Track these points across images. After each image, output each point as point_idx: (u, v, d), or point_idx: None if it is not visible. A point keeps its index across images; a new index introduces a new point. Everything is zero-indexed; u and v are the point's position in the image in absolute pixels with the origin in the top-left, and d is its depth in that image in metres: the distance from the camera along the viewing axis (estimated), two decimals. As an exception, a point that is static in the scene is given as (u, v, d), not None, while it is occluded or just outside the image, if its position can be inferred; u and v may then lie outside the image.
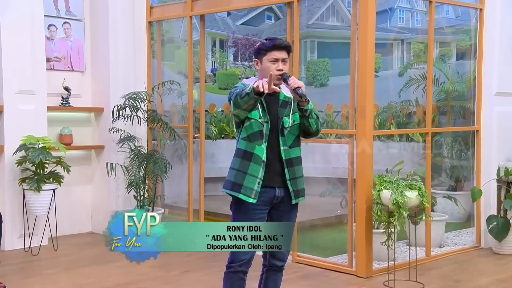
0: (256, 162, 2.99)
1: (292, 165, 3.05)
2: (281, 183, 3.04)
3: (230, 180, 3.05)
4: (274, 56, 3.03)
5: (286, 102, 3.08)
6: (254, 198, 2.99)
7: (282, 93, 3.09)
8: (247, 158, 3.00)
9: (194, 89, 6.07)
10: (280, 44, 3.05)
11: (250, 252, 3.04)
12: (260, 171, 2.99)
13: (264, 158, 2.99)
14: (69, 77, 5.96)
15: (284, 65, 3.04)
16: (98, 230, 6.07)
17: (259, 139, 3.00)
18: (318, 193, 6.19)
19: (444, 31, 7.35)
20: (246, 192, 2.99)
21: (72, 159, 5.77)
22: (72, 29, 6.04)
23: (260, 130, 3.01)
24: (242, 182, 2.99)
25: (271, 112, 3.05)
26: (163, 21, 6.37)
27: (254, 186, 2.98)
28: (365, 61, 4.44)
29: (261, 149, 3.00)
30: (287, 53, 3.06)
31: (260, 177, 2.99)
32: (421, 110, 6.98)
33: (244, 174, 2.99)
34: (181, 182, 6.32)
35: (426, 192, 4.36)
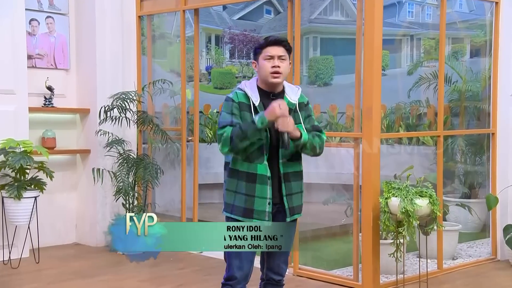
0: (262, 183, 2.96)
1: (289, 180, 3.02)
2: (278, 197, 3.03)
3: (234, 205, 3.01)
4: (268, 53, 3.01)
5: (290, 109, 3.02)
6: (269, 220, 2.98)
7: (286, 99, 3.05)
8: (250, 180, 2.96)
9: (187, 89, 6.07)
10: (275, 40, 3.03)
11: (246, 268, 3.03)
12: (268, 191, 2.97)
13: (269, 174, 2.97)
14: (53, 76, 5.96)
15: (282, 62, 3.00)
16: (83, 241, 6.06)
17: (260, 157, 2.96)
18: (321, 200, 6.19)
19: (457, 26, 7.36)
20: (260, 216, 2.98)
21: (55, 164, 5.76)
22: (56, 24, 6.04)
23: (260, 147, 2.96)
24: (253, 207, 2.97)
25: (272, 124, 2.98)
26: (154, 15, 6.37)
27: (266, 208, 2.98)
28: (371, 58, 4.44)
29: (264, 166, 2.97)
30: (285, 50, 3.03)
31: (269, 196, 2.98)
32: (432, 111, 6.98)
33: (253, 198, 2.97)
34: (174, 189, 6.31)
35: (437, 200, 4.36)
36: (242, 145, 2.90)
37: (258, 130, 2.88)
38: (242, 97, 3.01)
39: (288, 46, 3.06)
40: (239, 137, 2.89)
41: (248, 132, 2.88)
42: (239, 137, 2.89)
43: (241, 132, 2.89)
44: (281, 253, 3.11)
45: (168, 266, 5.22)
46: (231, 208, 3.03)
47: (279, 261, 3.14)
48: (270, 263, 3.14)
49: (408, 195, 4.27)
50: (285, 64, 3.03)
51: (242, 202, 2.99)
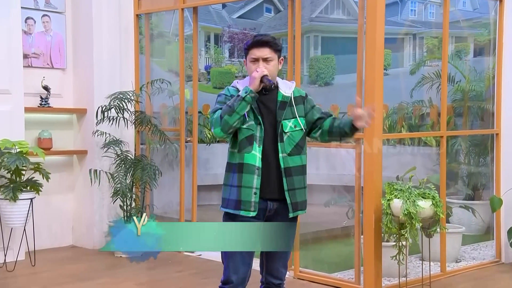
0: (248, 172, 2.96)
1: (291, 175, 3.01)
2: (278, 194, 3.02)
3: (228, 199, 3.03)
4: (253, 55, 3.02)
5: (285, 103, 3.04)
6: (254, 211, 2.97)
7: (280, 93, 3.05)
8: (238, 170, 2.98)
9: (186, 89, 6.06)
10: (259, 40, 3.00)
11: (243, 271, 3.02)
12: (255, 180, 2.96)
13: (258, 164, 2.96)
14: (49, 75, 5.95)
15: (267, 64, 2.99)
16: (80, 244, 6.05)
17: (247, 146, 2.97)
18: (322, 202, 6.19)
19: (460, 25, 7.36)
20: (246, 207, 2.97)
21: (51, 165, 5.76)
22: (52, 22, 6.03)
23: (249, 136, 2.97)
24: (240, 197, 2.97)
25: (267, 113, 3.02)
26: (152, 14, 6.37)
27: (251, 198, 2.96)
28: (373, 57, 4.44)
29: (253, 155, 2.96)
30: (272, 50, 3.01)
31: (256, 186, 2.96)
32: (435, 111, 6.97)
33: (239, 188, 2.97)
34: (172, 191, 6.30)
35: (440, 202, 4.35)
36: (232, 120, 2.91)
37: (243, 100, 2.91)
38: (234, 92, 3.05)
39: (274, 46, 3.02)
40: (227, 112, 2.92)
41: (235, 105, 2.91)
42: (227, 112, 2.92)
43: (228, 107, 2.93)
44: (280, 256, 3.10)
45: (166, 269, 5.21)
46: (227, 202, 3.04)
47: (278, 265, 3.12)
48: (269, 266, 3.13)
49: (410, 196, 4.26)
50: (272, 65, 3.01)
51: (234, 194, 3.00)
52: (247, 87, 2.94)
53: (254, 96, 2.93)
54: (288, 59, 4.95)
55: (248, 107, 2.93)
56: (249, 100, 2.92)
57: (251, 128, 2.98)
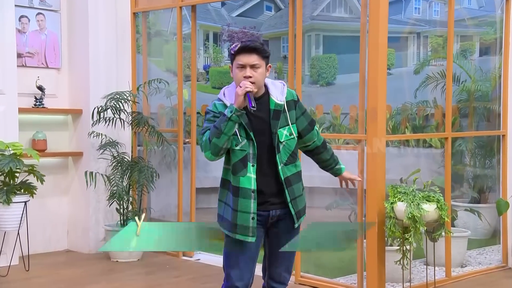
0: (244, 197, 2.94)
1: (291, 184, 3.02)
2: (279, 205, 3.02)
3: (223, 217, 3.03)
4: (239, 62, 2.95)
5: (279, 111, 2.99)
6: (253, 236, 2.97)
7: (272, 100, 3.00)
8: (234, 194, 2.96)
9: (184, 89, 6.06)
10: (246, 46, 2.94)
11: (247, 278, 3.02)
12: (252, 205, 2.95)
13: (253, 187, 2.95)
14: (43, 75, 5.96)
15: (255, 71, 2.94)
16: (75, 248, 6.05)
17: (242, 169, 2.94)
18: (324, 205, 6.18)
19: (465, 23, 7.36)
20: (243, 232, 2.97)
21: (46, 167, 5.76)
22: (47, 21, 6.04)
23: (242, 158, 2.94)
24: (236, 221, 2.96)
25: (260, 124, 2.97)
26: (149, 12, 6.37)
27: (249, 223, 2.96)
28: (376, 57, 4.44)
29: (247, 178, 2.94)
30: (259, 57, 2.95)
31: (253, 211, 2.96)
32: (439, 112, 6.97)
33: (235, 212, 2.96)
34: (170, 193, 6.30)
35: (445, 205, 4.35)
36: (221, 142, 2.88)
37: (229, 120, 2.86)
38: (222, 108, 2.99)
39: (263, 53, 2.97)
40: (215, 134, 2.89)
41: (221, 126, 2.87)
42: (215, 135, 2.89)
43: (215, 129, 2.90)
44: (283, 260, 3.10)
45: (163, 274, 5.21)
46: (221, 220, 3.05)
47: (281, 270, 3.12)
48: (272, 271, 3.13)
49: (414, 199, 4.26)
50: (259, 72, 2.95)
51: (229, 215, 3.00)
52: (232, 106, 2.89)
53: (240, 114, 2.88)
54: (289, 59, 4.96)
55: (236, 126, 2.90)
56: (235, 119, 2.88)
57: (244, 148, 2.94)
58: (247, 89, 2.88)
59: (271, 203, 3.01)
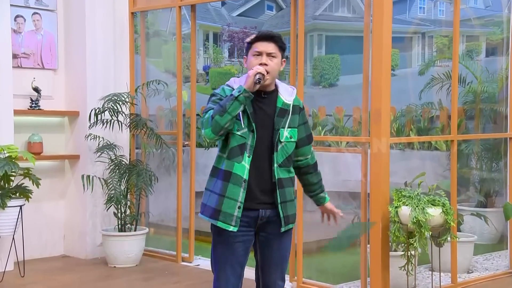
0: (235, 183, 2.93)
1: (283, 186, 3.00)
2: (269, 205, 3.00)
3: (206, 204, 3.01)
4: (256, 49, 2.99)
5: (285, 110, 3.01)
6: (235, 226, 2.94)
7: (280, 98, 3.02)
8: (225, 179, 2.94)
9: (183, 90, 6.07)
10: (265, 35, 3.00)
11: (234, 282, 3.00)
12: (241, 193, 2.93)
13: (245, 176, 2.93)
14: (39, 76, 5.96)
15: (271, 60, 2.97)
16: (72, 253, 6.04)
17: (238, 155, 2.93)
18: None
19: (471, 23, 7.37)
20: (226, 219, 2.94)
21: (42, 170, 5.76)
22: (43, 21, 6.04)
23: (241, 144, 2.94)
24: (220, 207, 2.94)
25: (264, 119, 2.98)
26: (148, 11, 6.37)
27: (234, 212, 2.93)
28: (380, 57, 4.44)
29: (242, 166, 2.93)
30: (276, 46, 3.00)
31: (240, 200, 2.93)
32: (445, 114, 6.97)
33: (222, 198, 2.94)
34: (169, 197, 6.30)
35: (451, 209, 4.34)
36: (224, 121, 2.86)
37: (236, 99, 2.86)
38: (229, 92, 2.98)
39: (280, 43, 3.02)
40: (218, 112, 2.87)
41: (226, 104, 2.86)
42: (218, 112, 2.87)
43: (220, 107, 2.88)
44: (277, 268, 3.08)
45: (162, 280, 5.21)
46: (203, 208, 3.03)
47: (275, 277, 3.09)
48: (265, 279, 3.09)
49: (419, 203, 4.25)
50: (275, 62, 2.99)
51: (213, 202, 2.98)
52: (241, 86, 2.90)
53: (248, 96, 2.88)
54: (291, 59, 4.96)
55: (242, 107, 2.89)
56: (242, 100, 2.87)
57: (244, 135, 2.94)
58: (258, 70, 2.90)
59: (260, 202, 2.98)
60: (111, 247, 5.62)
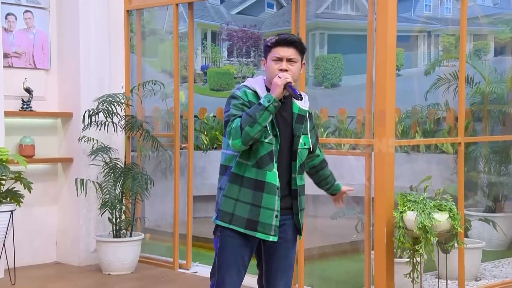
0: (269, 192, 2.96)
1: (300, 195, 3.08)
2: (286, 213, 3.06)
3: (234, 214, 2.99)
4: (276, 54, 3.00)
5: (302, 117, 3.06)
6: (275, 235, 2.98)
7: (296, 105, 3.05)
8: (257, 188, 2.95)
9: (181, 91, 6.07)
10: (285, 39, 3.00)
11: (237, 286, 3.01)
12: (276, 202, 2.98)
13: (278, 184, 2.98)
14: (31, 76, 5.96)
15: (291, 65, 2.99)
16: (65, 260, 6.04)
17: (270, 163, 2.96)
18: (329, 215, 6.17)
19: (479, 22, 7.37)
20: (265, 230, 2.96)
21: (34, 174, 5.75)
22: (35, 19, 6.04)
23: (270, 152, 2.96)
24: (258, 218, 2.96)
25: (283, 125, 3.02)
26: (144, 9, 6.38)
27: (272, 221, 2.97)
28: (384, 57, 4.43)
29: (273, 174, 2.97)
30: (296, 51, 3.01)
31: (277, 208, 2.98)
32: (452, 115, 6.98)
33: (259, 208, 2.96)
34: (165, 202, 6.30)
35: (458, 214, 4.34)
36: (254, 132, 2.86)
37: (266, 110, 2.86)
38: (252, 97, 2.99)
39: (301, 47, 3.04)
40: (248, 122, 2.86)
41: (256, 115, 2.86)
42: (248, 123, 2.86)
43: (249, 117, 2.87)
44: (282, 276, 3.10)
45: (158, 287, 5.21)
46: (230, 218, 3.00)
47: (280, 286, 3.11)
48: (270, 287, 3.12)
49: (425, 208, 4.25)
50: (295, 67, 3.01)
51: (245, 212, 2.97)
52: (270, 95, 2.89)
53: (277, 105, 2.90)
54: (292, 59, 4.96)
55: (271, 116, 2.91)
56: (272, 110, 2.88)
57: (271, 142, 2.97)
58: (287, 79, 2.91)
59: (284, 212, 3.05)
60: (106, 253, 5.61)
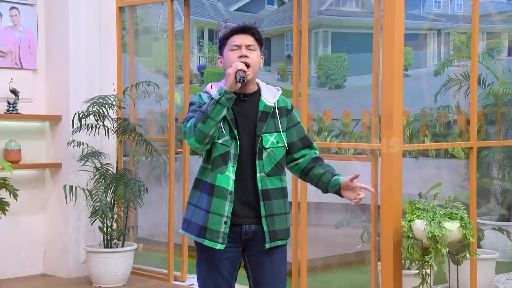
0: (219, 196, 2.91)
1: (269, 198, 2.97)
2: (254, 218, 2.97)
3: (191, 221, 2.99)
4: (234, 42, 2.98)
5: (267, 113, 2.98)
6: (223, 243, 2.92)
7: (262, 101, 3.00)
8: (209, 193, 2.93)
9: (176, 92, 6.08)
10: (240, 27, 2.99)
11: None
12: (226, 207, 2.92)
13: (231, 188, 2.92)
14: (17, 77, 5.96)
15: (250, 53, 2.95)
16: (53, 272, 6.03)
17: (222, 165, 2.92)
18: (333, 223, 6.18)
19: (492, 19, 7.39)
20: (212, 237, 2.92)
21: (20, 181, 5.76)
22: (22, 16, 6.05)
23: (223, 153, 2.92)
24: (206, 224, 2.93)
25: (245, 125, 2.96)
26: (137, 6, 6.39)
27: (221, 227, 2.92)
28: (391, 56, 4.44)
29: (226, 177, 2.92)
30: (254, 39, 2.99)
31: (227, 214, 2.92)
32: (463, 118, 6.98)
33: (207, 214, 2.93)
34: (160, 210, 6.30)
35: (470, 223, 4.34)
36: (208, 128, 2.84)
37: (217, 103, 2.83)
38: (208, 99, 2.95)
39: (258, 35, 3.00)
40: (201, 119, 2.84)
41: (208, 110, 2.83)
42: (200, 119, 2.85)
43: (201, 114, 2.85)
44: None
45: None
46: (187, 225, 3.01)
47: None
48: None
49: (435, 217, 4.25)
50: (255, 55, 2.97)
51: (199, 219, 2.96)
52: (221, 88, 2.86)
53: (230, 97, 2.85)
54: (294, 58, 4.97)
55: (225, 110, 2.86)
56: (224, 103, 2.84)
57: (226, 143, 2.93)
58: (238, 66, 2.87)
59: (244, 216, 2.96)
60: (96, 265, 5.61)
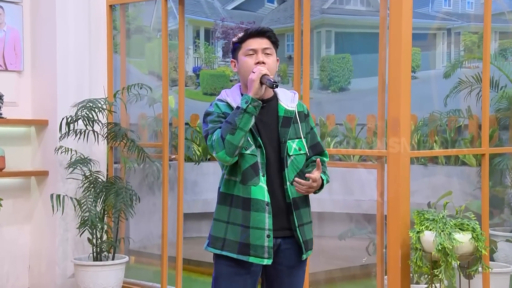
0: (257, 209, 2.93)
1: (299, 207, 3.02)
2: (280, 231, 3.00)
3: (226, 238, 2.99)
4: (249, 47, 3.00)
5: (289, 119, 3.02)
6: (269, 258, 2.95)
7: (281, 106, 3.03)
8: (245, 207, 2.94)
9: (170, 95, 6.08)
10: (257, 30, 3.00)
11: None
12: (267, 219, 2.94)
13: (267, 199, 2.95)
14: (2, 80, 5.96)
15: (267, 57, 2.98)
16: (39, 286, 6.02)
17: (254, 177, 2.94)
18: (337, 234, 6.18)
19: (505, 18, 7.40)
20: (257, 253, 2.94)
21: (4, 189, 5.75)
22: (6, 15, 6.06)
23: (253, 164, 2.95)
24: (248, 241, 2.93)
25: (267, 132, 2.99)
26: (129, 4, 6.39)
27: (264, 242, 2.94)
28: (398, 57, 4.45)
29: (260, 188, 2.94)
30: (270, 42, 3.02)
31: (268, 227, 2.95)
32: (474, 123, 6.99)
33: (247, 229, 2.94)
34: (152, 220, 6.30)
35: (483, 235, 4.34)
36: (237, 139, 2.85)
37: (245, 112, 2.85)
38: (226, 108, 2.99)
39: (274, 38, 3.03)
40: (229, 130, 2.86)
41: (236, 120, 2.85)
42: (228, 131, 2.86)
43: (228, 124, 2.87)
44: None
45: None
46: (222, 243, 3.00)
47: None
48: None
49: (445, 228, 4.25)
50: (272, 60, 3.00)
51: (237, 235, 2.96)
52: (247, 96, 2.88)
53: (257, 104, 2.88)
54: (295, 59, 4.97)
55: (253, 119, 2.88)
56: (252, 111, 2.87)
57: (254, 153, 2.95)
58: (262, 72, 2.89)
59: (278, 228, 2.99)
60: (85, 278, 5.60)
